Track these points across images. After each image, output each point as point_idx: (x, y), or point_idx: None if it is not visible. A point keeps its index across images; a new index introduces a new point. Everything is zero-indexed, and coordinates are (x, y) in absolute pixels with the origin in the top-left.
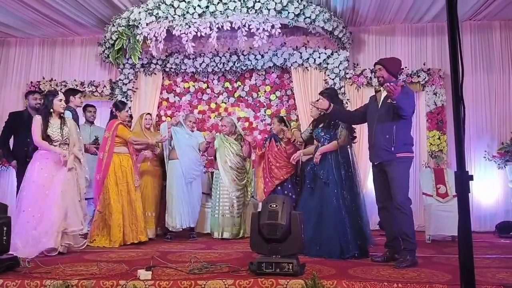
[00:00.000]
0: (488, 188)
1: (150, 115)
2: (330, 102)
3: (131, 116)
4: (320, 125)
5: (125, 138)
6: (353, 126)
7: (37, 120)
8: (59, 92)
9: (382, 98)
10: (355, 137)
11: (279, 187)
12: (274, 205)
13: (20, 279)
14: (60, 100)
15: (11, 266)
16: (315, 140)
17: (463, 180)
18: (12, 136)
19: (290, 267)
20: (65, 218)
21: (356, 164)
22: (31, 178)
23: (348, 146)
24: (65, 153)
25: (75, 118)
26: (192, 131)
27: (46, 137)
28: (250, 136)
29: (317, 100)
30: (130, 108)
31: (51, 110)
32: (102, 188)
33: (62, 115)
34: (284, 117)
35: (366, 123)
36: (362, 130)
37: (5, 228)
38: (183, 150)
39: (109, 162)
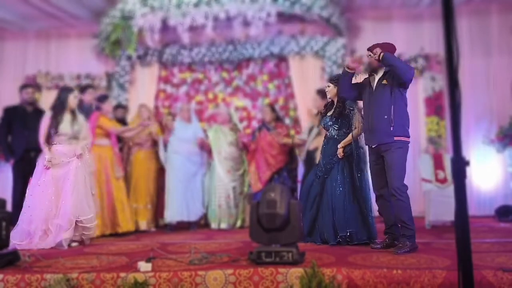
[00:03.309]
0: (487, 173)
1: (144, 106)
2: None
3: (118, 106)
4: (329, 113)
5: (107, 129)
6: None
7: (46, 118)
8: (74, 88)
9: (376, 81)
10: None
11: (276, 176)
12: (273, 195)
13: (20, 273)
14: (75, 97)
15: (12, 260)
16: (323, 129)
17: (459, 165)
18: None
19: (290, 255)
20: (77, 209)
21: (365, 155)
22: (43, 176)
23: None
24: (49, 159)
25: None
26: (190, 121)
27: (56, 133)
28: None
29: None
30: (126, 99)
31: (65, 106)
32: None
33: (74, 110)
34: (274, 106)
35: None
36: None
37: (4, 223)
38: (178, 146)
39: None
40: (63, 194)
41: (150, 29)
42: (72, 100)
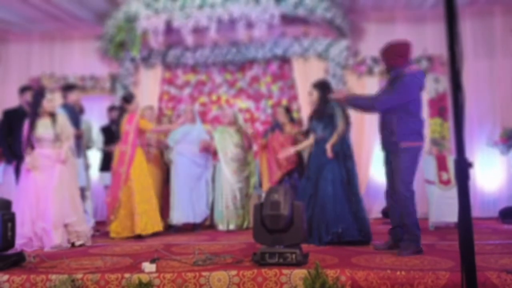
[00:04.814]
0: (491, 174)
1: (151, 108)
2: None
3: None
4: (314, 116)
5: (147, 130)
6: (346, 112)
7: (26, 124)
8: (47, 92)
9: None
10: (350, 123)
11: (286, 177)
12: (276, 196)
13: (26, 274)
14: (49, 100)
15: (17, 261)
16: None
17: (462, 167)
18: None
19: (293, 257)
20: (63, 212)
21: (353, 152)
22: (26, 180)
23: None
24: (29, 162)
25: (73, 115)
26: (194, 122)
27: (36, 139)
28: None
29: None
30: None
31: (40, 110)
32: (128, 181)
33: (52, 113)
34: (288, 108)
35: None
36: (362, 116)
37: (9, 224)
38: (182, 148)
39: (133, 155)
40: (44, 199)
41: (154, 31)
42: (46, 104)
